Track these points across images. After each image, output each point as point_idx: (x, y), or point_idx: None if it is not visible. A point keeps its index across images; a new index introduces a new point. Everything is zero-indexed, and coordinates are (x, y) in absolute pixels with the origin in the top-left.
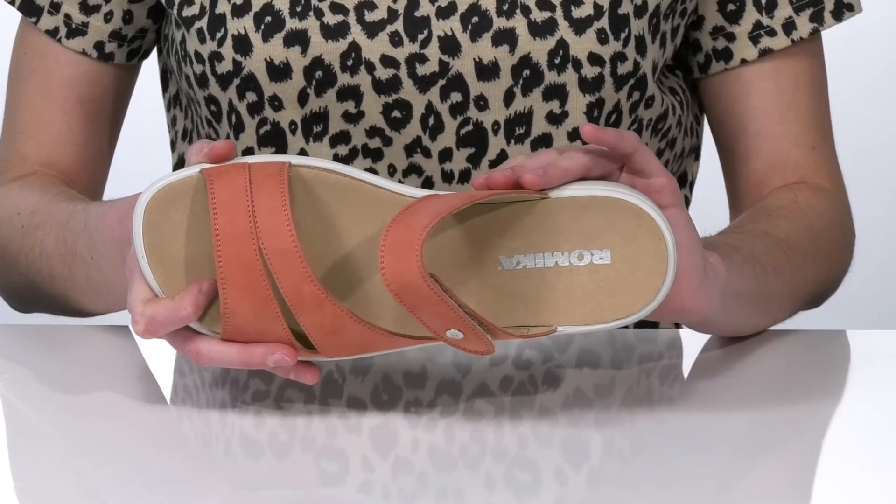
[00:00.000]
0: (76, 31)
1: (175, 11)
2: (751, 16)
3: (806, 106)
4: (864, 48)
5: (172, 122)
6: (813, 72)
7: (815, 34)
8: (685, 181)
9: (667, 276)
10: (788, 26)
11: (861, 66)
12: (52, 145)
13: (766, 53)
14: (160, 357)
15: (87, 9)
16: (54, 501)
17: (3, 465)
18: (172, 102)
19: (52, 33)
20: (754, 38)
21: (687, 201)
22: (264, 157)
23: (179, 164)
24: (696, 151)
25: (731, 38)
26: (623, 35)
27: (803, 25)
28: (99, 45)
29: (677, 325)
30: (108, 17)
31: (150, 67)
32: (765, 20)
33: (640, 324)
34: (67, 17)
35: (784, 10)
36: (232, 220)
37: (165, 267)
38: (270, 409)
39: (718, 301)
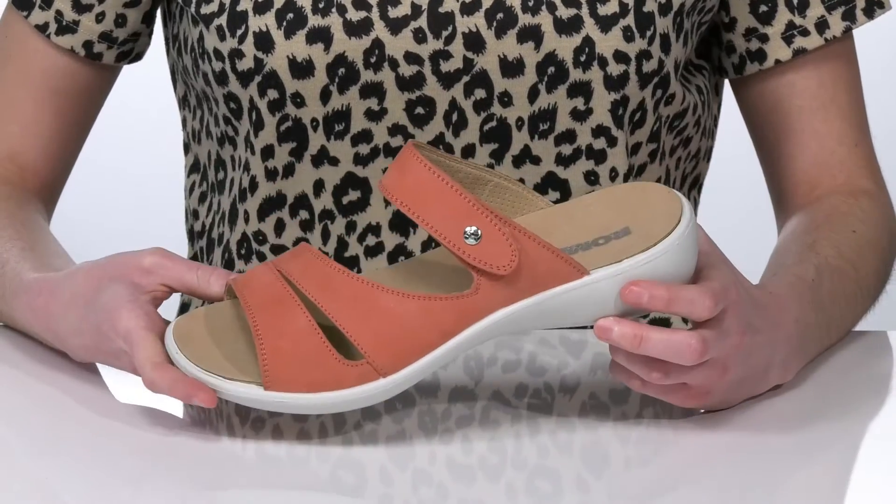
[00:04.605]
0: (66, 28)
1: (192, 8)
2: (783, 16)
3: (847, 103)
4: (865, 48)
5: (183, 123)
6: (851, 69)
7: (848, 32)
8: (696, 183)
9: (683, 209)
10: (821, 25)
11: (863, 66)
12: (20, 135)
13: (799, 53)
14: None
15: (79, 7)
16: None
17: (14, 480)
18: (181, 103)
19: (42, 28)
20: (787, 39)
21: (696, 203)
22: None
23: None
24: (709, 154)
25: (764, 39)
26: (648, 33)
27: (836, 24)
28: (88, 45)
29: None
30: (99, 17)
31: (163, 69)
32: (797, 20)
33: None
34: (59, 13)
35: (816, 10)
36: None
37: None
38: (287, 421)
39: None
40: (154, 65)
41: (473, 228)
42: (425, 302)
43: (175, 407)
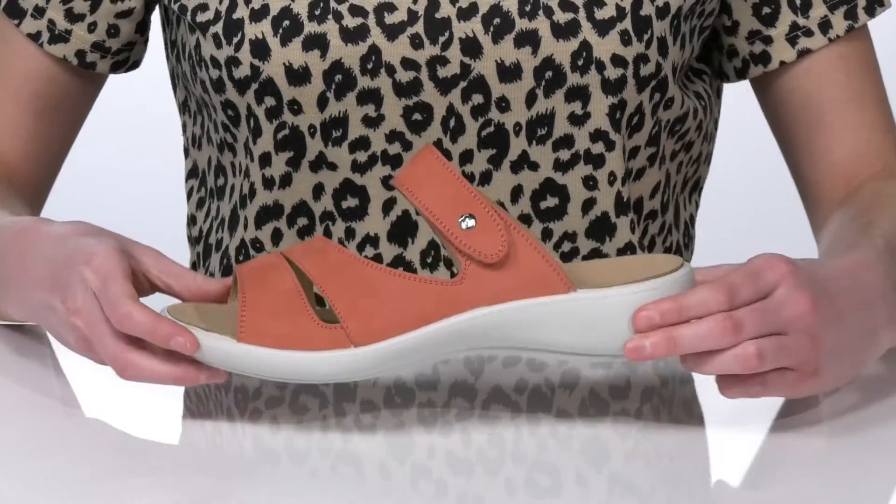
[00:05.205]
0: (59, 37)
1: (189, 17)
2: (786, 17)
3: (876, 89)
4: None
5: (183, 128)
6: (872, 56)
7: (850, 31)
8: (696, 186)
9: (683, 265)
10: (824, 25)
11: None
12: (0, 135)
13: (804, 54)
14: None
15: (71, 16)
16: None
17: (14, 480)
18: (182, 108)
19: (35, 37)
20: (791, 40)
21: (696, 206)
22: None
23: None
24: (709, 157)
25: (767, 41)
26: (646, 36)
27: (839, 23)
28: (80, 54)
29: None
30: (91, 27)
31: (163, 72)
32: (801, 21)
33: None
34: (51, 22)
35: (819, 10)
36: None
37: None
38: (285, 414)
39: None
40: (155, 68)
41: (469, 217)
42: (409, 282)
43: (174, 404)
